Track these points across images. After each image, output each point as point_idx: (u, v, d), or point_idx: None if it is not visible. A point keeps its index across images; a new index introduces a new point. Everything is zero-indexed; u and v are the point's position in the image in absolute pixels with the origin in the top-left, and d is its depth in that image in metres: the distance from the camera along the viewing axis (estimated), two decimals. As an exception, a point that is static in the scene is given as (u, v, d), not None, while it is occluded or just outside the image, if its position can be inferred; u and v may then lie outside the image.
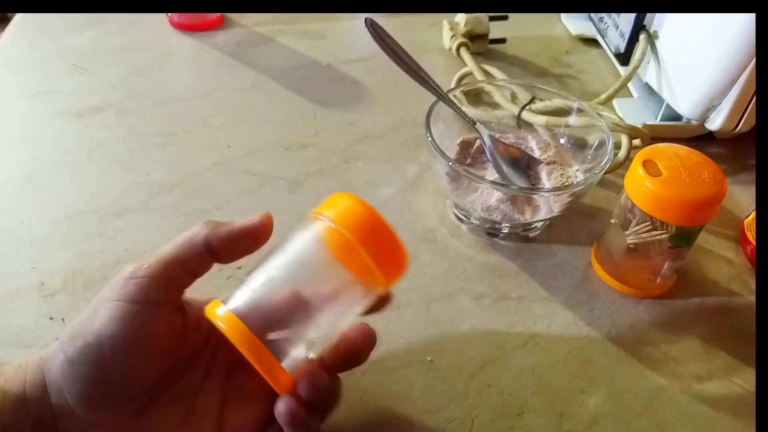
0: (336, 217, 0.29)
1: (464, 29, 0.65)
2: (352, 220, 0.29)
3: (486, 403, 0.36)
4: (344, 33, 0.70)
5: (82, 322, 0.27)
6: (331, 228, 0.29)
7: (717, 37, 0.48)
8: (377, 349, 0.38)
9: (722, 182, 0.37)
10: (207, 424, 0.30)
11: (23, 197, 0.48)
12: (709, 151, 0.54)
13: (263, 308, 0.29)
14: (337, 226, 0.29)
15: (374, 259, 0.29)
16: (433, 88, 0.47)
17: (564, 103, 0.49)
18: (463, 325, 0.41)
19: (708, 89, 0.50)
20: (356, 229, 0.29)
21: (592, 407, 0.36)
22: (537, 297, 0.43)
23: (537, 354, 0.39)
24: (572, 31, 0.71)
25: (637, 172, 0.38)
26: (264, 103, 0.59)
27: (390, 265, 0.30)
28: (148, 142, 0.54)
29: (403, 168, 0.52)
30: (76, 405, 0.26)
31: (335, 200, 0.30)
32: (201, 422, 0.29)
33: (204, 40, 0.67)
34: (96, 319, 0.27)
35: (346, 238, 0.28)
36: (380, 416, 0.35)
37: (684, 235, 0.39)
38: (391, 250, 0.30)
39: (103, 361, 0.26)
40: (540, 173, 0.47)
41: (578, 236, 0.47)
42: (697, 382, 0.38)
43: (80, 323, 0.27)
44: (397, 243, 0.30)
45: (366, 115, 0.58)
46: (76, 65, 0.62)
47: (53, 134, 0.54)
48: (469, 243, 0.46)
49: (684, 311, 0.42)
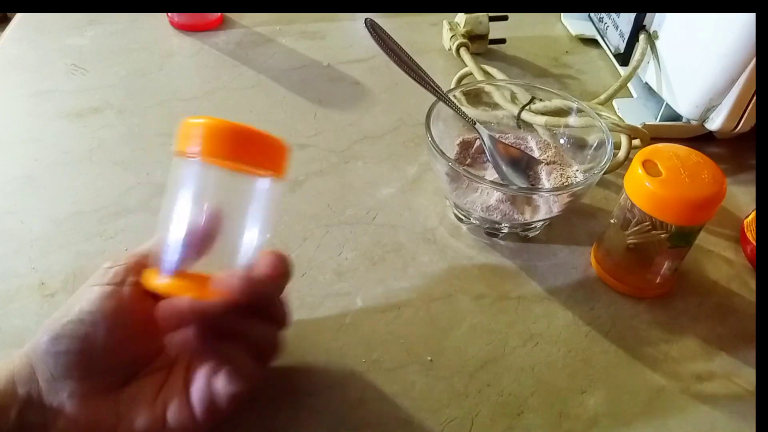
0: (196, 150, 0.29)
1: (464, 29, 0.65)
2: (209, 142, 0.29)
3: (486, 402, 0.36)
4: (344, 33, 0.70)
5: (64, 307, 0.30)
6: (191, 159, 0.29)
7: (717, 37, 0.48)
8: (377, 349, 0.38)
9: (722, 182, 0.37)
10: (179, 394, 0.31)
11: (23, 197, 0.48)
12: (709, 151, 0.54)
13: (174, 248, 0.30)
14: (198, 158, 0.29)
15: (246, 163, 0.29)
16: (433, 89, 0.47)
17: (564, 103, 0.49)
18: (463, 325, 0.41)
19: (708, 89, 0.50)
20: (215, 148, 0.29)
21: (591, 407, 0.36)
22: (537, 297, 0.43)
23: (537, 354, 0.39)
24: (572, 31, 0.71)
25: (636, 172, 0.38)
26: (264, 103, 0.59)
27: (264, 157, 0.30)
28: (148, 142, 0.54)
29: (403, 168, 0.52)
30: (59, 377, 0.29)
31: (184, 132, 0.30)
32: (174, 393, 0.31)
33: (204, 41, 0.67)
34: (77, 302, 0.30)
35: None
36: (380, 416, 0.35)
37: (684, 235, 0.39)
38: (257, 146, 0.30)
39: (85, 335, 0.29)
40: (540, 173, 0.47)
41: (578, 236, 0.47)
42: (697, 382, 0.38)
43: (63, 309, 0.30)
44: (258, 135, 0.30)
45: (366, 115, 0.58)
46: (77, 65, 0.62)
47: (53, 134, 0.54)
48: (469, 243, 0.46)
49: (684, 311, 0.42)
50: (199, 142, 0.28)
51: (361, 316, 0.41)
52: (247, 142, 0.29)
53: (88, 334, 0.29)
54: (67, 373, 0.29)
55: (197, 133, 0.29)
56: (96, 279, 0.30)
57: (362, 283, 0.43)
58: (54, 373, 0.29)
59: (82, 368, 0.29)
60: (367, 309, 0.41)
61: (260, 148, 0.30)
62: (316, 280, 0.43)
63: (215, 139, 0.29)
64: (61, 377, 0.29)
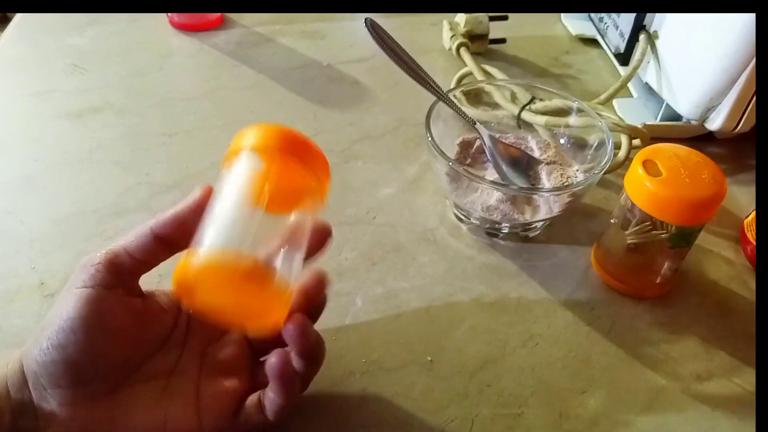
0: (256, 145, 0.29)
1: (464, 29, 0.65)
2: (272, 142, 0.29)
3: (486, 402, 0.36)
4: (344, 33, 0.70)
5: (50, 314, 0.29)
6: (254, 155, 0.29)
7: (717, 37, 0.48)
8: (377, 349, 0.38)
9: (722, 182, 0.37)
10: (183, 401, 0.31)
11: (23, 197, 0.48)
12: (709, 151, 0.54)
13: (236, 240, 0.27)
14: (260, 153, 0.29)
15: (306, 164, 0.29)
16: (433, 88, 0.47)
17: (564, 103, 0.49)
18: (463, 325, 0.41)
19: (708, 89, 0.50)
20: (280, 146, 0.28)
21: (592, 407, 0.36)
22: (537, 297, 0.43)
23: (537, 354, 0.39)
24: (572, 31, 0.71)
25: (636, 172, 0.38)
26: (264, 103, 0.59)
27: (318, 165, 0.30)
28: (148, 142, 0.54)
29: (403, 168, 0.52)
30: (49, 386, 0.28)
31: (242, 136, 0.30)
32: (176, 400, 0.31)
33: (204, 40, 0.67)
34: (58, 308, 0.29)
35: (277, 155, 0.28)
36: (380, 416, 0.35)
37: (684, 235, 0.39)
38: (312, 154, 0.30)
39: (68, 343, 0.28)
40: (540, 173, 0.47)
41: (578, 236, 0.47)
42: (697, 382, 0.38)
43: (49, 316, 0.29)
44: (313, 146, 0.30)
45: (366, 115, 0.58)
46: (76, 65, 0.62)
47: (53, 134, 0.54)
48: (469, 243, 0.46)
49: (684, 311, 0.42)
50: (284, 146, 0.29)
51: (361, 316, 0.41)
52: (317, 163, 0.30)
53: (72, 341, 0.28)
54: (55, 382, 0.28)
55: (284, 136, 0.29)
56: (73, 282, 0.29)
57: (362, 283, 0.43)
58: (43, 383, 0.28)
59: (69, 377, 0.28)
60: (367, 309, 0.41)
61: (323, 170, 0.30)
62: (316, 280, 0.43)
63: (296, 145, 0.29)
64: (50, 386, 0.28)
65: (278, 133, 0.29)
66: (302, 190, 0.30)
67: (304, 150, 0.29)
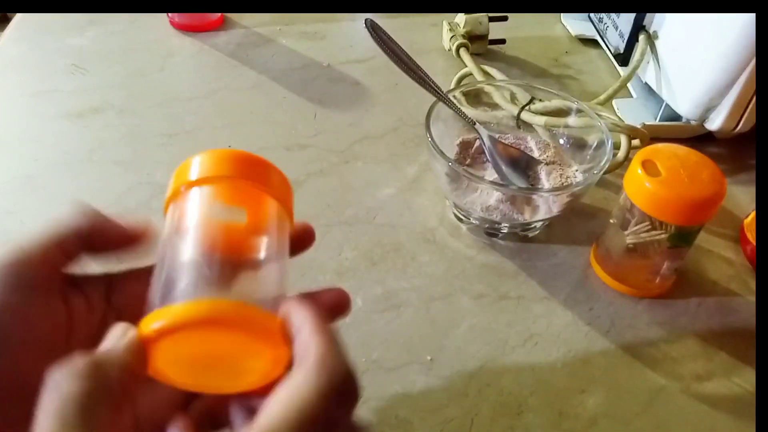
0: (199, 178, 0.28)
1: (464, 30, 0.65)
2: (222, 168, 0.28)
3: (485, 402, 0.36)
4: (344, 34, 0.70)
5: None
6: (205, 187, 0.28)
7: (717, 37, 0.48)
8: (377, 349, 0.38)
9: (722, 182, 0.37)
10: None
11: (23, 197, 0.48)
12: (709, 151, 0.54)
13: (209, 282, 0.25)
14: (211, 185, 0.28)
15: (257, 182, 0.27)
16: (433, 89, 0.47)
17: (563, 103, 0.49)
18: (463, 325, 0.41)
19: (708, 89, 0.50)
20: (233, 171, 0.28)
21: (591, 407, 0.36)
22: (536, 297, 0.43)
23: (536, 353, 0.39)
24: (572, 31, 0.71)
25: (636, 172, 0.38)
26: (264, 103, 0.59)
27: (275, 187, 0.28)
28: (149, 143, 0.54)
29: (403, 168, 0.52)
30: None
31: (186, 168, 0.29)
32: None
33: (204, 41, 0.67)
34: None
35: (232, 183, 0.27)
36: (380, 416, 0.35)
37: (683, 235, 0.39)
38: (260, 169, 0.28)
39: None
40: (539, 173, 0.47)
41: (577, 236, 0.47)
42: (696, 382, 0.38)
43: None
44: (266, 163, 0.28)
45: (366, 116, 0.58)
46: (77, 65, 0.62)
47: (53, 134, 0.54)
48: (469, 243, 0.46)
49: (684, 311, 0.42)
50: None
51: (361, 316, 0.41)
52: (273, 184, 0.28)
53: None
54: None
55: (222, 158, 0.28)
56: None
57: (362, 283, 0.43)
58: None
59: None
60: (367, 309, 0.41)
61: (283, 190, 0.29)
62: (316, 280, 0.43)
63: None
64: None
65: (220, 159, 0.28)
66: (261, 209, 0.28)
67: (250, 167, 0.28)
